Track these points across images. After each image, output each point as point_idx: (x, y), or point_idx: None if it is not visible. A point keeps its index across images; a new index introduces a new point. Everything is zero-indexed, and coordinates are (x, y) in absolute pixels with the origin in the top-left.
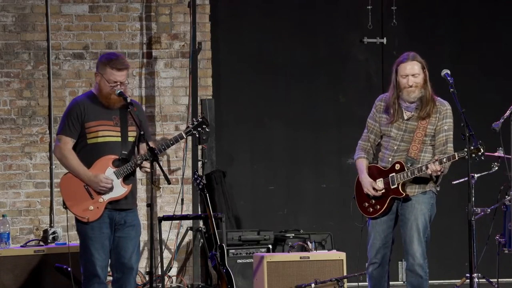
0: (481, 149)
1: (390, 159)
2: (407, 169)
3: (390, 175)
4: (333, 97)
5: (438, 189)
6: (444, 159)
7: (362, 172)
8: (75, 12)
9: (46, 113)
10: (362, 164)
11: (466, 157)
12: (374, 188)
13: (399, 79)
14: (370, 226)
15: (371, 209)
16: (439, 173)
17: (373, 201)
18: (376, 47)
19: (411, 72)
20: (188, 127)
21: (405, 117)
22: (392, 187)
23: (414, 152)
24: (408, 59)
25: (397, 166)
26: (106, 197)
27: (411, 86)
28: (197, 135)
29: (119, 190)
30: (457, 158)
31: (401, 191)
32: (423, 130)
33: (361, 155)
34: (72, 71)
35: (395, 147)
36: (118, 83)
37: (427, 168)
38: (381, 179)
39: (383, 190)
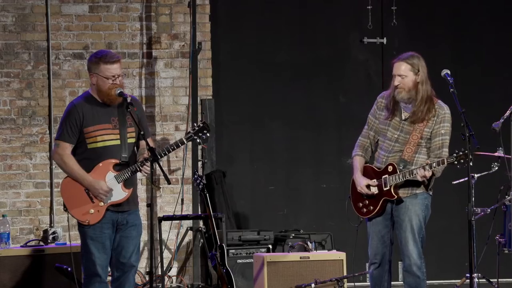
0: (470, 155)
1: (384, 160)
2: (399, 172)
3: (383, 176)
4: (333, 97)
5: (431, 193)
6: (434, 163)
7: (357, 171)
8: (75, 12)
9: (46, 113)
10: (357, 162)
11: (455, 162)
12: (367, 186)
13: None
14: (368, 226)
15: (365, 210)
16: (427, 178)
17: (367, 202)
18: (376, 47)
19: (397, 72)
20: (189, 132)
21: (403, 117)
22: (385, 189)
23: (408, 155)
24: (400, 59)
25: (390, 168)
26: (107, 201)
27: (396, 87)
28: (198, 140)
29: (120, 194)
30: (446, 164)
31: (393, 193)
32: (419, 132)
33: (358, 152)
34: (72, 71)
35: (390, 148)
36: (116, 76)
37: (417, 172)
38: (375, 180)
39: (377, 191)
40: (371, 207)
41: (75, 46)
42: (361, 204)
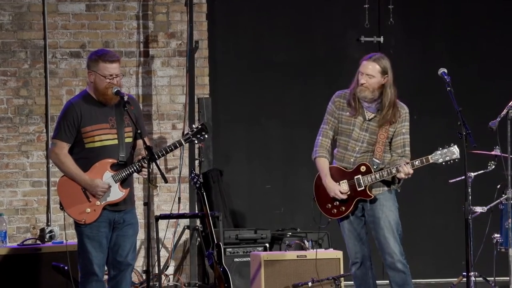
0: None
1: (352, 160)
2: (375, 172)
3: (356, 177)
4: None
5: (399, 191)
6: (417, 162)
7: (326, 175)
8: (72, 11)
9: (43, 112)
10: (324, 165)
11: (440, 161)
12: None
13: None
14: (341, 228)
15: (335, 211)
16: (410, 175)
17: (337, 203)
18: (373, 46)
19: (365, 71)
20: (187, 133)
21: (367, 117)
22: (359, 189)
23: (379, 154)
24: (370, 59)
25: (363, 168)
26: (103, 201)
27: (362, 85)
28: (196, 142)
29: (117, 194)
30: (430, 162)
31: (368, 193)
32: (385, 132)
33: (322, 154)
34: (69, 69)
35: (357, 148)
36: (114, 76)
37: (398, 171)
38: (345, 181)
39: (349, 192)
40: (343, 208)
41: (72, 44)
42: (330, 205)
